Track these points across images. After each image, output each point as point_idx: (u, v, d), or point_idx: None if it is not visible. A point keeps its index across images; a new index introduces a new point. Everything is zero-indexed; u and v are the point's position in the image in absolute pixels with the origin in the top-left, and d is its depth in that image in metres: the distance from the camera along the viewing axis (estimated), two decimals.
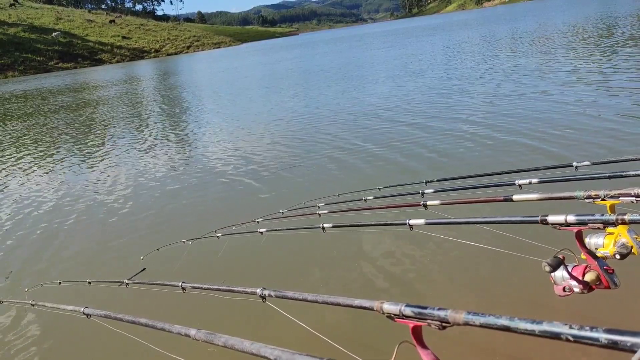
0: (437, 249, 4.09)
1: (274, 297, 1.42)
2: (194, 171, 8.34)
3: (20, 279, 4.95)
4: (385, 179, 5.79)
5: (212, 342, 1.21)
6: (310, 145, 8.87)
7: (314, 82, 19.95)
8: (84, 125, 16.60)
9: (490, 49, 22.04)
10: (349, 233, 4.44)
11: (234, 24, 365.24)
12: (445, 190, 2.99)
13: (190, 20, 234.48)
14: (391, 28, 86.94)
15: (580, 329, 0.70)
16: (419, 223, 2.07)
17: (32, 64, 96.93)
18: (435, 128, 8.62)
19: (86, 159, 10.88)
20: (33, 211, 7.22)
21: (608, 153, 5.73)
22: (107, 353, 3.44)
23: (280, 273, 4.31)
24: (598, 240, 1.53)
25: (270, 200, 6.20)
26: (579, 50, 15.82)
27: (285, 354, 0.98)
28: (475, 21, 59.85)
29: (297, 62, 34.82)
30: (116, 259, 5.19)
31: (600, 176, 2.01)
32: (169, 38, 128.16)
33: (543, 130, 7.23)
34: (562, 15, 38.23)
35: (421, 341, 1.00)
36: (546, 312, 2.91)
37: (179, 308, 3.65)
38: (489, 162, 6.24)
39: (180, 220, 6.06)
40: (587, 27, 24.17)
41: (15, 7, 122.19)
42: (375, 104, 12.08)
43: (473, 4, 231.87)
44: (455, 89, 12.52)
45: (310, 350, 1.00)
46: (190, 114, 16.22)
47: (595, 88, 9.75)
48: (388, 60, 24.97)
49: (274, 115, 13.01)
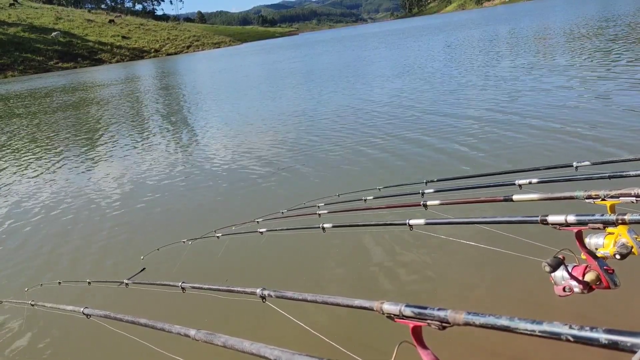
0: (437, 249, 4.09)
1: (273, 297, 1.42)
2: (194, 171, 8.34)
3: (20, 279, 4.95)
4: (385, 179, 5.80)
5: (212, 342, 1.21)
6: (310, 146, 8.87)
7: (314, 82, 19.95)
8: (83, 125, 16.61)
9: (491, 49, 22.04)
10: (349, 233, 4.44)
11: (234, 23, 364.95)
12: (445, 190, 2.99)
13: (190, 20, 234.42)
14: (391, 28, 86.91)
15: (580, 329, 0.70)
16: (419, 223, 2.06)
17: (32, 63, 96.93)
18: (435, 128, 8.62)
19: (86, 158, 10.88)
20: (32, 211, 7.22)
21: (608, 153, 5.73)
22: (106, 353, 3.44)
23: (280, 273, 4.31)
24: (598, 241, 1.53)
25: (270, 200, 6.19)
26: (579, 50, 15.82)
27: (285, 354, 0.98)
28: (475, 21, 59.84)
29: (297, 62, 34.82)
30: (116, 259, 5.18)
31: (600, 176, 2.01)
32: (169, 38, 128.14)
33: (543, 130, 7.24)
34: (563, 16, 38.23)
35: (421, 341, 1.00)
36: (546, 312, 2.90)
37: (179, 308, 3.65)
38: (489, 162, 6.24)
39: (180, 220, 6.06)
40: (587, 27, 24.17)
41: (15, 7, 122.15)
42: (375, 104, 12.08)
43: (473, 4, 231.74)
44: (455, 89, 12.52)
45: (310, 350, 1.00)
46: (190, 114, 16.23)
47: (595, 88, 9.75)
48: (388, 60, 24.98)
49: (274, 115, 13.02)
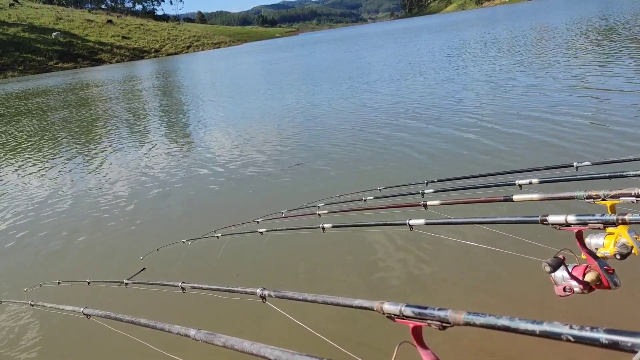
0: (437, 249, 4.09)
1: (273, 297, 1.42)
2: (194, 171, 8.34)
3: (20, 278, 4.95)
4: (385, 179, 5.79)
5: (212, 342, 1.20)
6: (311, 146, 8.87)
7: (314, 83, 19.94)
8: (83, 124, 16.61)
9: (491, 49, 22.04)
10: (349, 233, 4.44)
11: (234, 24, 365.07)
12: (445, 190, 2.99)
13: (190, 20, 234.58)
14: (391, 28, 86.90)
15: (581, 329, 0.70)
16: (419, 223, 2.06)
17: (32, 64, 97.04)
18: (435, 128, 8.62)
19: (86, 158, 10.88)
20: (32, 211, 7.22)
21: (608, 153, 5.73)
22: (106, 353, 3.44)
23: (280, 273, 4.31)
24: (598, 241, 1.52)
25: (270, 200, 6.19)
26: (580, 50, 15.81)
27: (285, 354, 0.98)
28: (476, 21, 59.82)
29: (297, 62, 34.81)
30: (116, 259, 5.18)
31: (601, 176, 2.00)
32: (169, 38, 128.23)
33: (543, 130, 7.23)
34: (563, 16, 38.21)
35: (421, 341, 1.00)
36: (546, 312, 2.91)
37: (179, 308, 3.65)
38: (489, 162, 6.24)
39: (180, 220, 6.06)
40: (587, 27, 24.16)
41: (15, 7, 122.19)
42: (376, 105, 12.08)
43: (473, 4, 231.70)
44: (455, 89, 12.52)
45: (310, 350, 1.00)
46: (190, 114, 16.23)
47: (595, 88, 9.75)
48: (388, 60, 24.97)
49: (275, 116, 13.01)
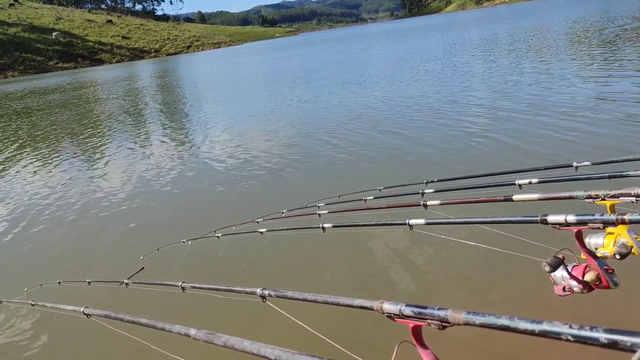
0: (437, 249, 4.09)
1: (274, 297, 1.42)
2: (194, 171, 8.34)
3: (20, 278, 4.95)
4: (385, 179, 5.79)
5: (212, 342, 1.20)
6: (311, 146, 8.87)
7: (314, 83, 19.94)
8: (83, 124, 16.61)
9: (491, 49, 22.04)
10: (349, 233, 4.44)
11: (234, 24, 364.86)
12: (445, 190, 2.99)
13: (190, 20, 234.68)
14: (391, 28, 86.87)
15: (580, 328, 0.70)
16: (419, 223, 2.06)
17: (32, 64, 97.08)
18: (435, 128, 8.62)
19: (86, 158, 10.88)
20: (32, 211, 7.22)
21: (608, 153, 5.73)
22: (107, 353, 3.44)
23: (280, 273, 4.31)
24: (598, 240, 1.52)
25: (270, 200, 6.19)
26: (580, 50, 15.82)
27: (285, 354, 0.98)
28: (476, 21, 59.82)
29: (297, 62, 34.80)
30: (116, 258, 5.19)
31: (600, 176, 2.00)
32: (169, 38, 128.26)
33: (543, 130, 7.24)
34: (563, 16, 38.21)
35: (421, 341, 1.00)
36: (546, 312, 2.91)
37: (179, 308, 3.65)
38: (489, 162, 6.24)
39: (180, 220, 6.06)
40: (587, 27, 24.16)
41: (15, 7, 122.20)
42: (376, 105, 12.08)
43: (473, 4, 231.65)
44: (455, 89, 12.52)
45: (310, 350, 1.00)
46: (190, 114, 16.22)
47: (595, 88, 9.75)
48: (389, 60, 24.97)
49: (275, 116, 13.01)
